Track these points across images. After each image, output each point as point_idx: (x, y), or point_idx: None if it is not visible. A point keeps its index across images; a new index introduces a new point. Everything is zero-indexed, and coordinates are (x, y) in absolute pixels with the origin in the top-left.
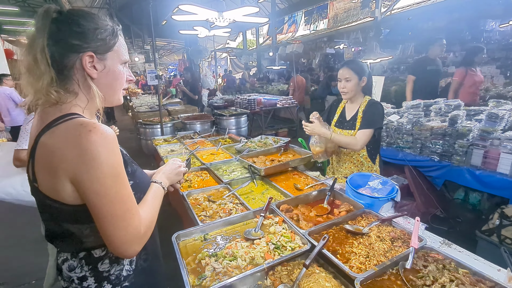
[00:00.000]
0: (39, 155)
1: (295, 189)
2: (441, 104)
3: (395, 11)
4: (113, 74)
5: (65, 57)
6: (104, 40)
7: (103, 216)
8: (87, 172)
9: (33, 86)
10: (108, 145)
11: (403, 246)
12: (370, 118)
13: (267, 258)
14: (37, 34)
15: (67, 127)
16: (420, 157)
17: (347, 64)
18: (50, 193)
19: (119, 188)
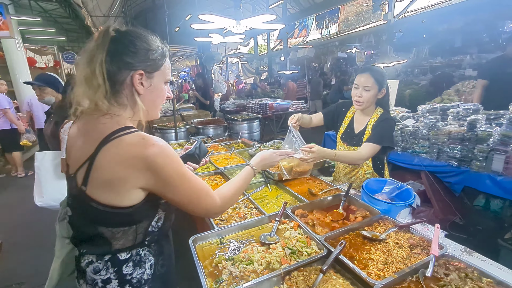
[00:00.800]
0: (101, 163)
1: (309, 194)
2: (459, 108)
3: (409, 14)
4: (157, 91)
5: (119, 73)
6: (154, 61)
7: (182, 204)
8: (158, 179)
9: (88, 96)
10: (168, 154)
11: (423, 253)
12: (380, 133)
13: (283, 263)
14: (97, 50)
15: (131, 140)
16: (437, 162)
17: (370, 70)
18: (100, 196)
19: (187, 182)
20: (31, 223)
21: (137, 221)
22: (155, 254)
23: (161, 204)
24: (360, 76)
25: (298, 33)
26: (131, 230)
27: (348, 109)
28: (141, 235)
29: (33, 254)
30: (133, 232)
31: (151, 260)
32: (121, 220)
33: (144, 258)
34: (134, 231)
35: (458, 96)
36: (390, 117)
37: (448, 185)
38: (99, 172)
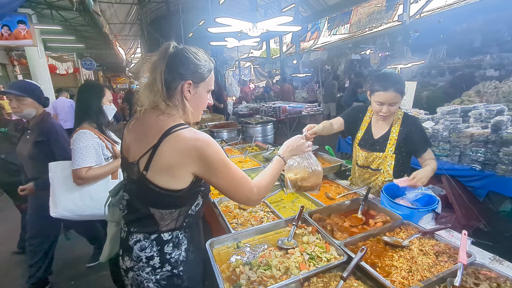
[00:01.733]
0: (163, 151)
1: (326, 198)
2: (481, 110)
3: (425, 14)
4: (200, 98)
5: (173, 81)
6: (201, 73)
7: (225, 188)
8: (207, 166)
9: (149, 99)
10: (213, 146)
11: (449, 261)
12: (424, 137)
13: (302, 269)
14: (159, 62)
15: (187, 134)
16: (459, 166)
17: (394, 87)
18: (158, 180)
19: (229, 170)
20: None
21: (182, 204)
22: (189, 240)
23: (201, 192)
24: (384, 93)
25: (310, 35)
26: (176, 212)
27: (365, 114)
28: (182, 217)
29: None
30: (177, 214)
31: (185, 244)
32: (171, 202)
33: (181, 241)
34: (178, 213)
35: (479, 97)
36: (415, 117)
37: (471, 189)
38: (161, 158)
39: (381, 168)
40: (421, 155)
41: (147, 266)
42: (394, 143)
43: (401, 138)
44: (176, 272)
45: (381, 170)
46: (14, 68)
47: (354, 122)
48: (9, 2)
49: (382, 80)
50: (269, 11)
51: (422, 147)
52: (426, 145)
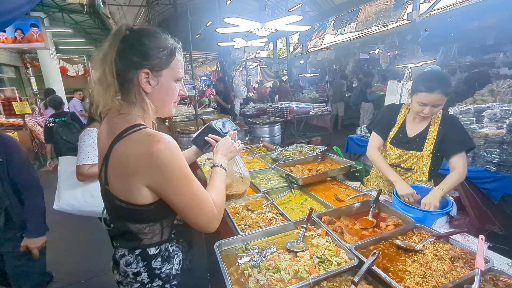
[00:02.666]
0: (113, 161)
1: (335, 200)
2: (496, 109)
3: (435, 12)
4: (165, 89)
5: (126, 72)
6: (161, 59)
7: (183, 209)
8: (162, 176)
9: (102, 96)
10: (174, 151)
11: (466, 267)
12: (463, 137)
13: (312, 272)
14: (108, 50)
15: (137, 137)
16: (472, 167)
17: (441, 88)
18: (120, 195)
19: (190, 185)
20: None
21: (161, 217)
22: (184, 250)
23: None
24: (429, 95)
25: (316, 34)
26: (157, 225)
27: (398, 112)
28: (167, 229)
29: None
30: (159, 227)
31: (179, 256)
32: (145, 216)
33: (173, 254)
34: (159, 226)
35: (493, 96)
36: (456, 117)
37: (485, 191)
38: (113, 171)
39: (414, 168)
40: (451, 157)
41: (135, 282)
42: (433, 142)
43: (439, 138)
44: (168, 287)
45: (414, 169)
46: (27, 70)
47: (386, 126)
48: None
49: (427, 80)
50: (276, 11)
51: (455, 149)
52: (461, 147)
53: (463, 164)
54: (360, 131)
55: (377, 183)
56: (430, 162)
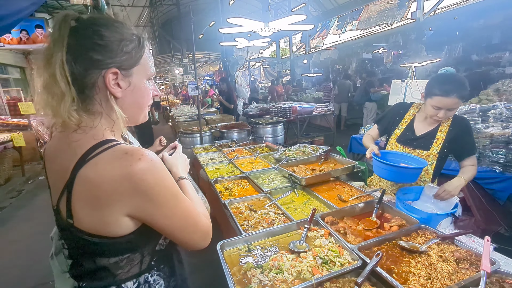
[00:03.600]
0: (79, 191)
1: (339, 200)
2: (502, 109)
3: (439, 10)
4: (139, 91)
5: (86, 74)
6: (129, 53)
7: (176, 231)
8: (149, 201)
9: (52, 108)
10: (159, 169)
11: (471, 268)
12: (473, 140)
13: (315, 273)
14: (54, 47)
15: (111, 157)
16: (478, 167)
17: (458, 92)
18: (91, 229)
19: (182, 203)
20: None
21: (142, 245)
22: (165, 277)
23: None
24: (444, 99)
25: (318, 34)
26: (136, 255)
27: (407, 110)
28: (148, 256)
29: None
30: (138, 257)
31: (161, 285)
32: (123, 248)
33: (154, 284)
34: (139, 255)
35: (498, 96)
36: (466, 119)
37: (491, 192)
38: (81, 201)
39: None
40: (463, 160)
41: None
42: (441, 143)
43: (449, 138)
44: None
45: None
46: (32, 72)
47: (391, 121)
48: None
49: (443, 83)
50: (279, 11)
51: (468, 152)
52: (473, 151)
53: (475, 163)
54: (364, 131)
55: (380, 183)
56: (436, 163)
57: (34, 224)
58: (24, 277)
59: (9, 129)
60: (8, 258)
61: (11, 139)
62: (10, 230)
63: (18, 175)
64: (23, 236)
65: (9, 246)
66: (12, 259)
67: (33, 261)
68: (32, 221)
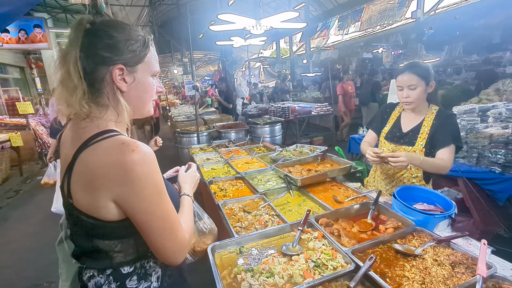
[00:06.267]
0: (77, 172)
1: (334, 202)
2: (501, 109)
3: (440, 10)
4: (143, 86)
5: (96, 70)
6: (134, 52)
7: (152, 231)
8: (133, 191)
9: (66, 100)
10: (150, 164)
11: (467, 273)
12: (451, 132)
13: (307, 277)
14: (70, 46)
15: (108, 145)
16: (477, 168)
17: (410, 69)
18: (86, 209)
19: (164, 204)
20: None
21: (135, 232)
22: (162, 265)
23: None
24: (402, 77)
25: (318, 34)
26: (130, 242)
27: (393, 109)
28: (144, 246)
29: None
30: (132, 244)
31: (158, 272)
32: (116, 233)
33: (150, 271)
34: (133, 243)
35: (498, 96)
36: (452, 113)
37: (490, 193)
38: (78, 182)
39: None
40: (439, 150)
41: None
42: (426, 137)
43: (432, 132)
44: None
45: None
46: (31, 71)
47: (381, 121)
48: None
49: (401, 68)
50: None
51: (445, 140)
52: (449, 140)
53: (448, 157)
54: (363, 131)
55: (376, 183)
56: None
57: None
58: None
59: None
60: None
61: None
62: (7, 230)
63: (16, 175)
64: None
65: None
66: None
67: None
68: (29, 221)
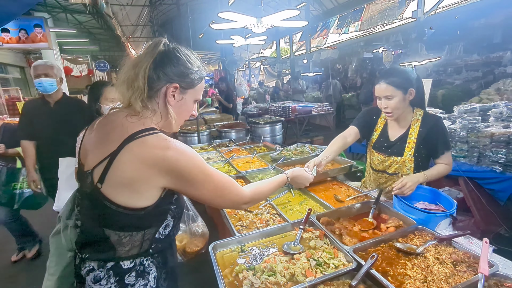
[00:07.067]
0: (123, 160)
1: (335, 201)
2: (502, 108)
3: (440, 9)
4: (185, 106)
5: (157, 81)
6: (191, 79)
7: (207, 198)
8: (183, 179)
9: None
10: (189, 154)
11: (469, 271)
12: (445, 139)
13: (308, 276)
14: (144, 57)
15: (154, 141)
16: (478, 167)
17: (384, 78)
18: (115, 195)
19: (210, 178)
20: None
21: (146, 226)
22: (158, 266)
23: (171, 210)
24: (378, 86)
25: (318, 34)
26: (139, 235)
27: (379, 116)
28: (148, 242)
29: None
30: (140, 238)
31: (154, 272)
32: (131, 223)
33: (148, 269)
34: (141, 237)
35: (499, 95)
36: (437, 117)
37: (491, 192)
38: (120, 170)
39: (399, 172)
40: (437, 158)
41: None
42: (413, 147)
43: (420, 140)
44: None
45: (399, 174)
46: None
47: (367, 126)
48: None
49: (377, 77)
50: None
51: (440, 150)
52: (444, 148)
53: (448, 161)
54: None
55: (370, 184)
56: (414, 166)
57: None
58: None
59: None
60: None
61: None
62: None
63: None
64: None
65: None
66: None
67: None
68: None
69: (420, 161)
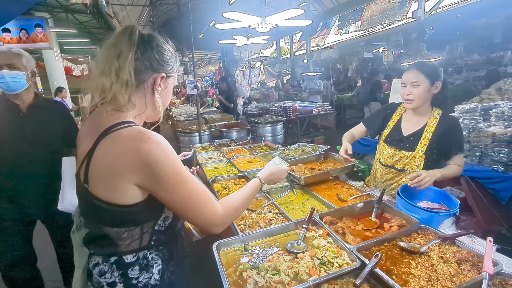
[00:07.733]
0: (98, 157)
1: (338, 200)
2: (504, 108)
3: (441, 9)
4: (167, 94)
5: (144, 72)
6: (172, 66)
7: (178, 207)
8: (153, 175)
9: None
10: (165, 148)
11: (473, 270)
12: (461, 141)
13: (312, 275)
14: (124, 47)
15: (127, 133)
16: (479, 167)
17: (416, 66)
18: (101, 194)
19: (183, 183)
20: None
21: (142, 220)
22: (164, 259)
23: None
24: (407, 74)
25: (318, 33)
26: (136, 230)
27: (394, 110)
28: (147, 234)
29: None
30: (138, 232)
31: (159, 265)
32: (125, 219)
33: (152, 262)
34: (139, 231)
35: (500, 95)
36: (455, 118)
37: (492, 192)
38: (97, 167)
39: (407, 169)
40: (449, 159)
41: None
42: (427, 143)
43: (435, 139)
44: None
45: (407, 170)
46: None
47: (380, 121)
48: None
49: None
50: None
51: (453, 151)
52: (457, 149)
53: (461, 162)
54: None
55: (375, 183)
56: (424, 163)
57: None
58: None
59: None
60: None
61: None
62: None
63: None
64: None
65: None
66: None
67: None
68: None
69: (430, 160)
